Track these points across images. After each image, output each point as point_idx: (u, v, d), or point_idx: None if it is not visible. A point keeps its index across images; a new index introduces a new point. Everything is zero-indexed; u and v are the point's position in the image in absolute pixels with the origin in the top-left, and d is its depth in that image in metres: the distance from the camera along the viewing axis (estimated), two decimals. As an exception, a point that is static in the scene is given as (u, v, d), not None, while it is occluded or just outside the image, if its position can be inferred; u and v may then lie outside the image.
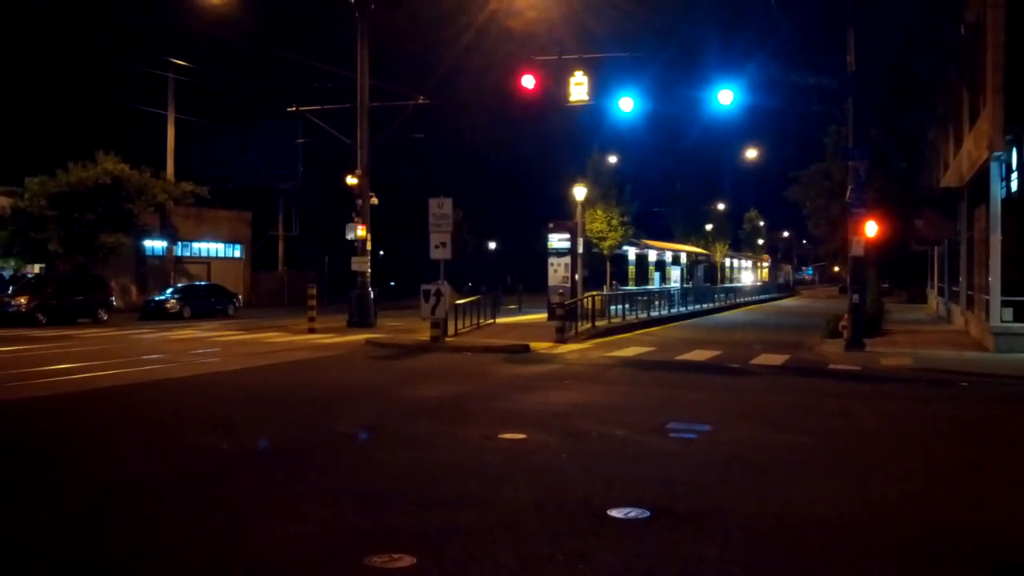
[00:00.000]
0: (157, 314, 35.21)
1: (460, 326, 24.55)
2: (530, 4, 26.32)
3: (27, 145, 45.53)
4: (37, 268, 37.75)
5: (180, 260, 46.90)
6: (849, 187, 21.43)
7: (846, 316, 21.62)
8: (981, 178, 21.06)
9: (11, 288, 34.09)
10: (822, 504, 7.16)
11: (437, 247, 22.87)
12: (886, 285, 55.45)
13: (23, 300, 31.35)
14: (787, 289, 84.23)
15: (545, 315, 30.48)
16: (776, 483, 7.92)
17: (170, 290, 38.60)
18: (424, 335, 22.73)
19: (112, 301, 35.55)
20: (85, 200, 35.33)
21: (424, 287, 22.19)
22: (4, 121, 48.43)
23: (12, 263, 36.82)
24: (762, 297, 63.54)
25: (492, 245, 78.59)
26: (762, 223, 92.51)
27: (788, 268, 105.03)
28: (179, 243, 46.62)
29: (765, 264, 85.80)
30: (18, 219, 35.04)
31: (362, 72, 30.62)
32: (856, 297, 21.18)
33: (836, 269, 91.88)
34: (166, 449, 9.34)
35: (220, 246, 51.13)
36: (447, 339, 22.40)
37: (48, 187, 35.19)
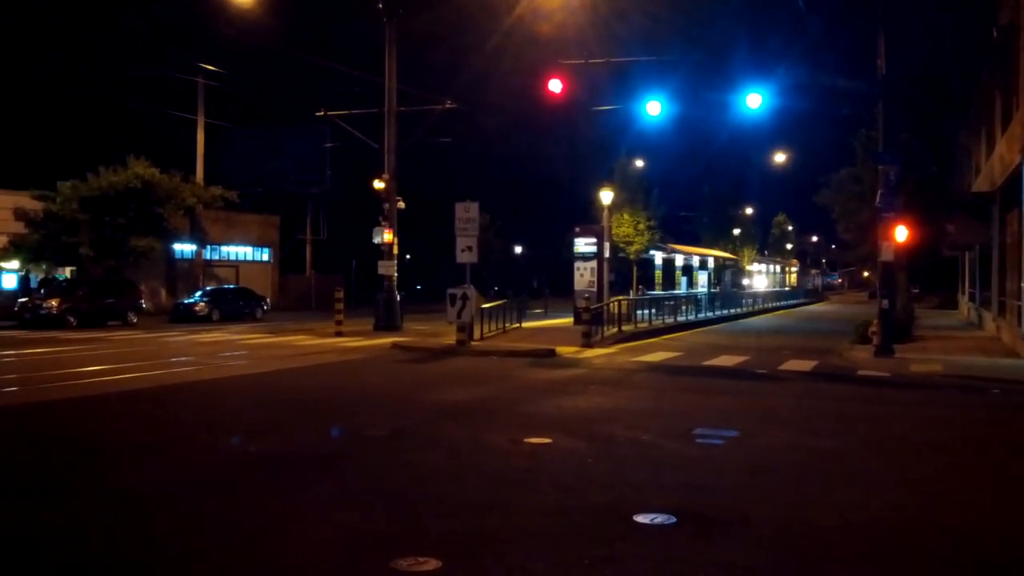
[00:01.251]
0: (186, 317, 35.52)
1: (486, 330, 24.56)
2: (558, 8, 26.29)
3: (59, 150, 46.13)
4: (68, 271, 38.21)
5: (209, 263, 47.30)
6: (879, 191, 21.23)
7: (875, 322, 21.40)
8: (1014, 182, 20.79)
9: (43, 291, 34.54)
10: (851, 510, 7.08)
11: (463, 251, 22.90)
12: (916, 290, 54.88)
13: (54, 303, 31.75)
14: (816, 294, 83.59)
15: (571, 319, 30.41)
16: (804, 489, 7.85)
17: (199, 293, 38.92)
18: (450, 339, 22.75)
19: (142, 304, 35.92)
20: (116, 204, 35.72)
21: (450, 291, 22.23)
22: (37, 127, 49.09)
23: (44, 266, 37.27)
24: (790, 302, 63.08)
25: (518, 249, 78.57)
26: (790, 228, 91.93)
27: (816, 272, 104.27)
28: (208, 247, 47.02)
29: (793, 269, 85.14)
30: (50, 223, 35.48)
31: (390, 77, 30.75)
32: (886, 302, 20.96)
33: (866, 274, 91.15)
34: (194, 451, 9.40)
35: (248, 250, 51.51)
36: (473, 343, 22.42)
37: (80, 191, 35.61)
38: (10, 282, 38.35)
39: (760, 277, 64.48)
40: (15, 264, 37.57)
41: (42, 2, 52.25)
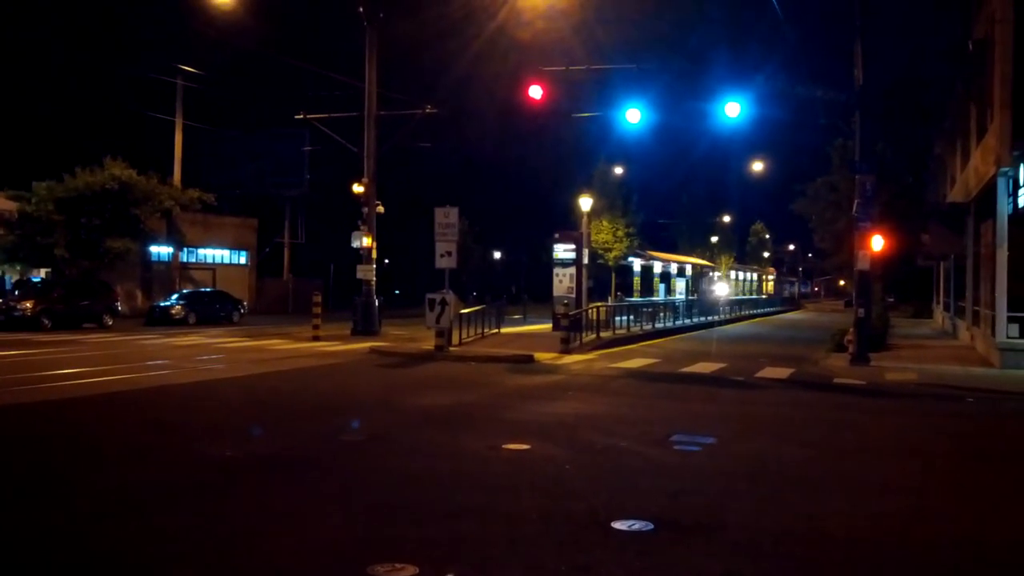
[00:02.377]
0: (162, 320, 35.25)
1: (465, 335, 24.53)
2: (539, 15, 26.37)
3: (35, 150, 45.67)
4: (43, 273, 37.83)
5: (186, 266, 46.99)
6: (856, 201, 21.41)
7: (851, 330, 21.56)
8: (988, 194, 21.03)
9: (17, 292, 34.17)
10: (828, 518, 7.13)
11: (443, 256, 22.89)
12: (892, 299, 55.38)
13: (28, 305, 31.39)
14: (792, 302, 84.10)
15: (550, 325, 30.45)
16: (781, 496, 7.90)
17: (175, 296, 38.63)
18: (428, 344, 22.72)
19: (118, 306, 35.58)
20: (92, 205, 35.41)
21: (429, 296, 22.20)
22: (12, 126, 48.61)
23: (18, 267, 36.89)
24: (767, 310, 63.41)
25: (497, 255, 78.56)
26: (768, 236, 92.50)
27: (793, 280, 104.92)
28: (185, 249, 46.70)
29: (770, 277, 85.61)
30: (25, 224, 35.12)
31: (370, 81, 30.71)
32: (862, 311, 21.12)
33: (842, 283, 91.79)
34: (170, 455, 9.34)
35: (226, 252, 51.22)
36: (452, 348, 22.39)
37: (55, 192, 35.27)
38: (-17, 283, 37.95)
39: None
40: (-11, 265, 37.19)
41: (18, 1, 51.80)
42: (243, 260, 52.33)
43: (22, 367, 17.92)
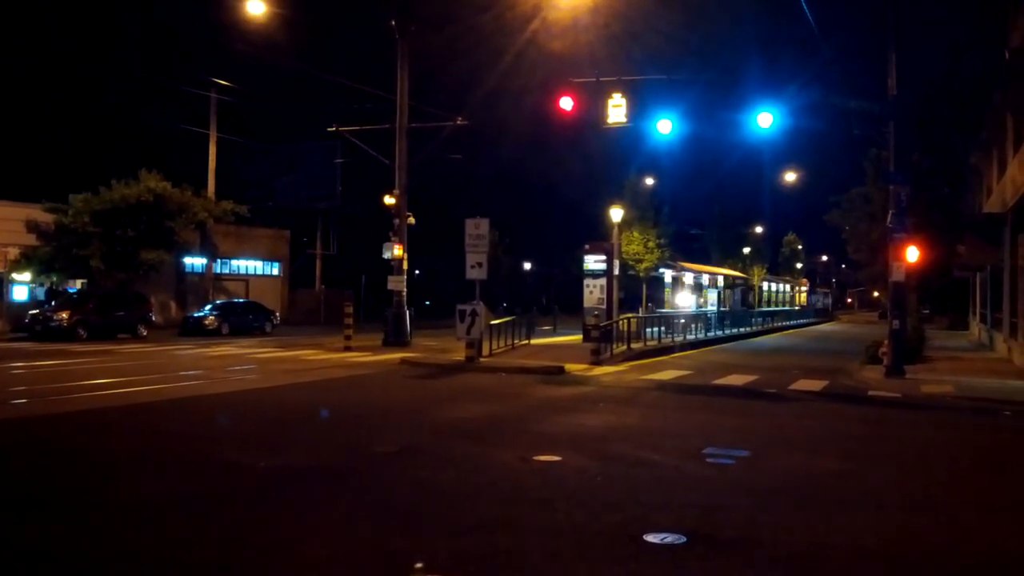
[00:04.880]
0: (196, 330, 35.60)
1: (495, 346, 24.54)
2: (569, 27, 26.42)
3: (72, 163, 46.37)
4: (79, 284, 38.34)
5: (219, 277, 47.41)
6: (890, 211, 21.19)
7: (886, 342, 21.31)
8: (1026, 204, 20.74)
9: (53, 303, 34.66)
10: (862, 533, 7.03)
11: (473, 267, 22.91)
12: (927, 311, 54.70)
13: (65, 315, 31.85)
14: (825, 314, 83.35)
15: (580, 337, 30.39)
16: (815, 511, 7.80)
17: (209, 307, 38.99)
18: (459, 355, 22.74)
19: (152, 317, 36.01)
20: (127, 217, 35.87)
21: (460, 307, 22.23)
22: (50, 140, 49.39)
23: (55, 278, 37.43)
24: (800, 321, 62.90)
25: (527, 266, 78.60)
26: (800, 247, 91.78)
27: (826, 292, 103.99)
28: (218, 260, 47.13)
29: (803, 288, 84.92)
30: (62, 235, 35.63)
31: (401, 93, 30.88)
32: (897, 323, 20.88)
33: (875, 294, 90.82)
34: (203, 465, 9.39)
35: (259, 264, 51.65)
36: (482, 359, 22.40)
37: (92, 204, 35.76)
38: (21, 294, 38.50)
39: (770, 296, 64.19)
40: (27, 276, 37.74)
41: (57, 17, 52.69)
42: (276, 271, 52.74)
43: (58, 377, 18.14)
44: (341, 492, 8.21)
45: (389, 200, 31.19)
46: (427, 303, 61.70)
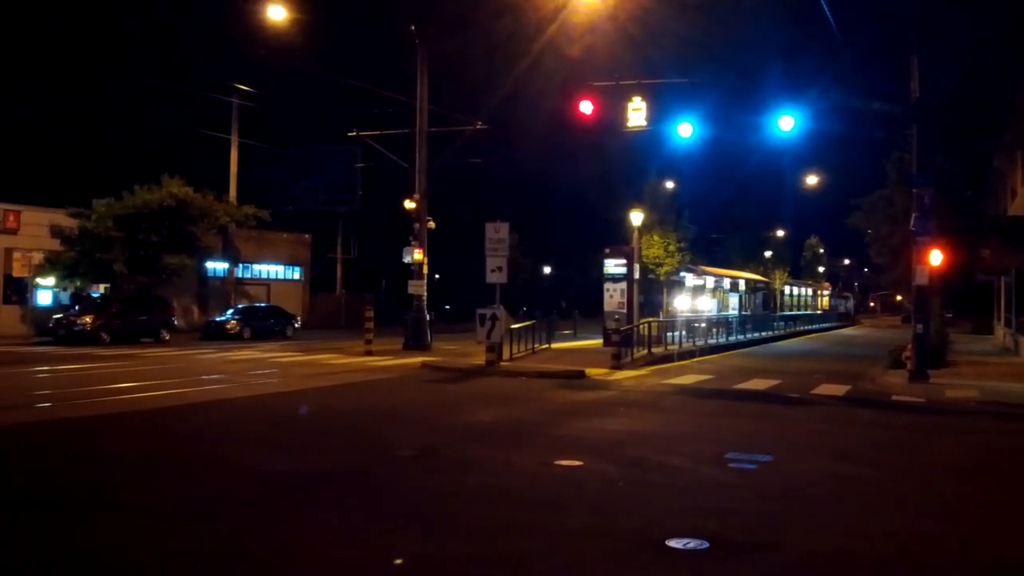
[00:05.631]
0: (218, 334, 35.78)
1: (515, 350, 24.52)
2: (589, 30, 26.39)
3: (95, 168, 46.71)
4: (102, 288, 38.63)
5: (241, 281, 47.64)
6: (913, 215, 21.03)
7: (909, 346, 21.15)
8: (1051, 207, 20.53)
9: (77, 307, 34.94)
10: (885, 539, 6.98)
11: (493, 271, 22.91)
12: (950, 315, 54.17)
13: (88, 319, 32.10)
14: (848, 318, 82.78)
15: (600, 341, 30.30)
16: (838, 516, 7.74)
17: (231, 311, 39.18)
18: (479, 359, 22.74)
19: (174, 321, 36.23)
20: (150, 222, 36.09)
21: (480, 311, 22.24)
22: (73, 145, 49.82)
23: (78, 283, 37.73)
24: (822, 326, 62.53)
25: (547, 270, 78.52)
26: (822, 250, 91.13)
27: (848, 296, 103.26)
28: (240, 265, 47.37)
29: (825, 292, 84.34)
30: (85, 240, 35.89)
31: (421, 97, 30.95)
32: (920, 327, 20.72)
33: (898, 298, 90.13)
34: (224, 469, 9.43)
35: (280, 268, 51.89)
36: (502, 363, 22.39)
37: (115, 209, 36.01)
38: (45, 298, 38.85)
39: (792, 300, 63.79)
40: (51, 280, 38.07)
41: (80, 24, 53.17)
42: (297, 275, 52.97)
43: (82, 381, 18.28)
44: (359, 495, 8.22)
45: (409, 204, 31.27)
46: (447, 307, 61.79)
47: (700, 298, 48.21)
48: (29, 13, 46.86)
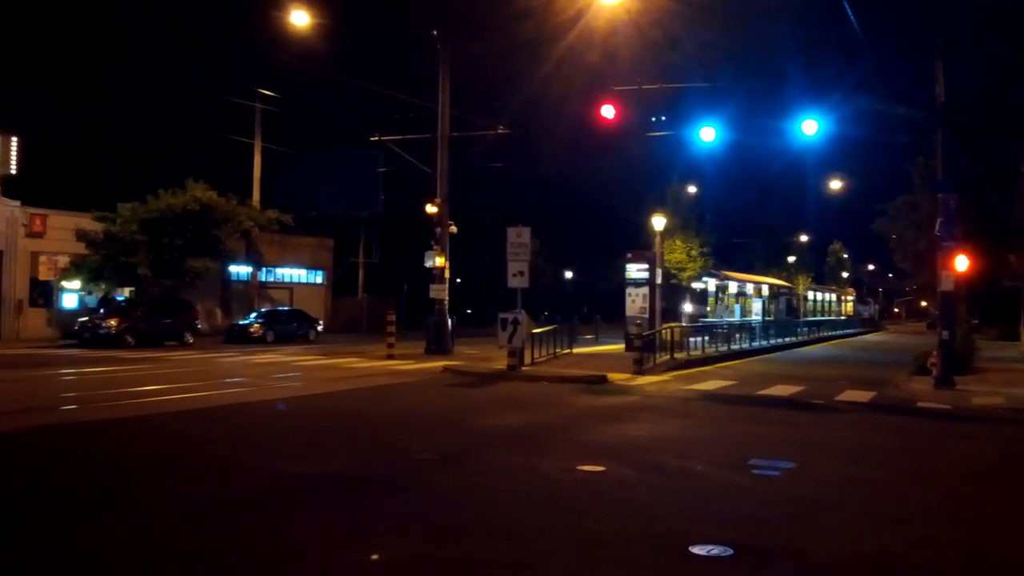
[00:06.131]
0: (241, 338, 35.96)
1: (537, 355, 24.49)
2: (611, 34, 26.33)
3: (120, 173, 47.12)
4: (127, 291, 38.95)
5: (264, 285, 47.90)
6: (938, 220, 20.85)
7: (935, 352, 20.95)
8: (1079, 212, 20.30)
9: (102, 310, 35.22)
10: (912, 547, 6.90)
11: (515, 276, 22.89)
12: (976, 321, 53.62)
13: (113, 323, 32.35)
14: (872, 324, 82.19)
15: (622, 346, 30.20)
16: (863, 523, 7.66)
17: (254, 315, 39.39)
18: (501, 363, 22.72)
19: (198, 324, 36.45)
20: (174, 226, 36.34)
21: (501, 315, 22.23)
22: (98, 150, 50.28)
23: (103, 286, 38.06)
24: (846, 331, 62.10)
25: (568, 274, 78.40)
26: (846, 256, 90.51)
27: (871, 301, 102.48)
28: (263, 268, 47.61)
29: (849, 298, 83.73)
30: (110, 244, 36.18)
31: (443, 102, 31.01)
32: (946, 333, 20.52)
33: (923, 304, 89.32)
34: (244, 471, 9.45)
35: (302, 272, 52.14)
36: (524, 368, 22.36)
37: (139, 213, 36.28)
38: (71, 302, 39.23)
39: (815, 306, 63.34)
40: (76, 284, 38.43)
41: (104, 28, 53.69)
42: (319, 279, 53.20)
43: (107, 384, 18.41)
44: (384, 499, 8.21)
45: (431, 209, 31.31)
46: (468, 311, 61.85)
47: (724, 303, 47.96)
48: (57, 19, 47.33)
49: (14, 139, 37.51)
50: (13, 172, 37.55)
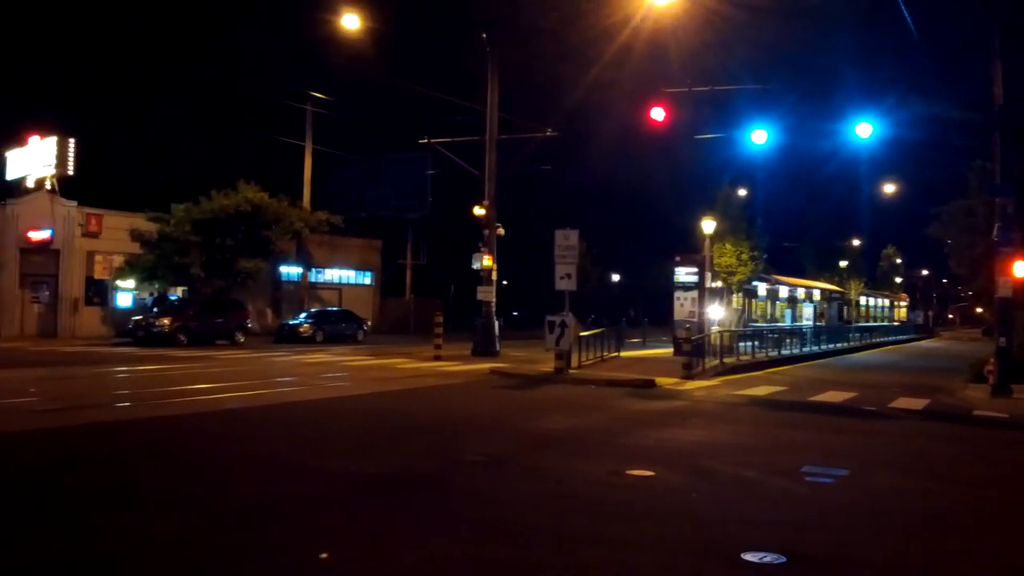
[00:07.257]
0: (291, 338, 36.34)
1: (584, 358, 24.39)
2: (661, 35, 26.17)
3: (174, 174, 47.90)
4: (180, 291, 39.59)
5: (313, 286, 48.38)
6: (996, 225, 20.42)
7: (992, 360, 20.51)
8: None
9: (155, 309, 35.83)
10: (966, 560, 6.75)
11: (562, 278, 22.83)
12: (1033, 328, 52.46)
13: (166, 321, 32.87)
14: (926, 330, 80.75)
15: (670, 350, 30.02)
16: (917, 534, 7.52)
17: (303, 315, 39.79)
18: (548, 366, 22.68)
19: (249, 324, 36.90)
20: (226, 226, 36.84)
21: (549, 318, 22.18)
22: (154, 151, 51.17)
23: (156, 285, 38.73)
24: (899, 338, 61.11)
25: (615, 277, 78.10)
26: (899, 260, 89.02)
27: (926, 307, 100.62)
28: (313, 269, 48.10)
29: (903, 303, 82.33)
30: (163, 244, 36.79)
31: (491, 104, 31.04)
32: (1003, 340, 20.08)
33: (979, 310, 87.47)
34: (296, 470, 9.53)
35: (351, 273, 52.57)
36: (571, 371, 22.29)
37: (192, 213, 36.84)
38: (125, 300, 39.96)
39: (868, 311, 62.40)
40: (131, 283, 39.14)
41: (159, 32, 54.62)
42: (367, 280, 53.59)
43: (159, 382, 18.70)
44: (433, 500, 8.23)
45: (479, 211, 31.36)
46: (515, 313, 61.85)
47: (775, 308, 47.47)
48: (114, 23, 48.25)
49: (71, 141, 38.40)
50: (70, 173, 38.44)
